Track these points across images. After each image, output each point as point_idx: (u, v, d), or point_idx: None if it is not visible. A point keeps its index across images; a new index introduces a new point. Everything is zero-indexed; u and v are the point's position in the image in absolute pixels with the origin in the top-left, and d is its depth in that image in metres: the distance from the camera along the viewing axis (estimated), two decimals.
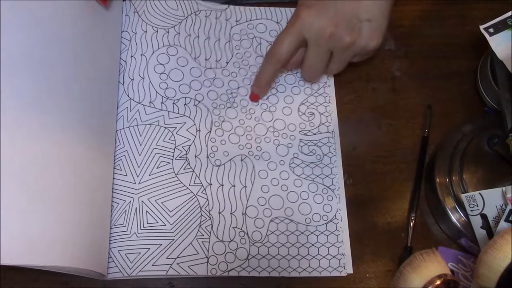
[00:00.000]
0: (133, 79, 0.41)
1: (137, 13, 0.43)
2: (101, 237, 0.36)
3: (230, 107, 0.42)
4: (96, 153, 0.36)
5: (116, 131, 0.39)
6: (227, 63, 0.43)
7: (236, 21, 0.45)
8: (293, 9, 0.46)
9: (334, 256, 0.38)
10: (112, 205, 0.37)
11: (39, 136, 0.32)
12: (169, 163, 0.39)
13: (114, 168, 0.38)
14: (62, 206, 0.32)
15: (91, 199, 0.35)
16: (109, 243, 0.36)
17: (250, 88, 0.43)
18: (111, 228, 0.37)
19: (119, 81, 0.41)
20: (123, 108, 0.40)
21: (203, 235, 0.37)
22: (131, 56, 0.42)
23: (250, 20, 0.45)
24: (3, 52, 0.30)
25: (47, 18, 0.34)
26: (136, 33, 0.42)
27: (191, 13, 0.44)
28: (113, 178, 0.38)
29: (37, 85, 0.32)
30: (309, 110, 0.43)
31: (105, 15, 0.41)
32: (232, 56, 0.44)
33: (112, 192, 0.38)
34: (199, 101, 0.41)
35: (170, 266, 0.36)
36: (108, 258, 0.36)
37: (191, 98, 0.41)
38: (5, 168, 0.29)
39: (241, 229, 0.38)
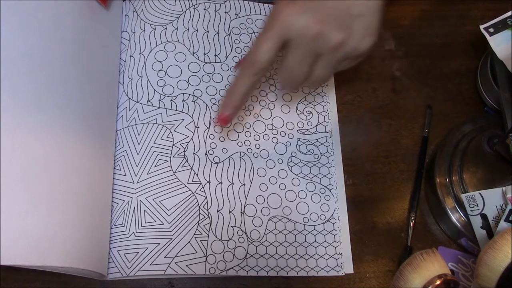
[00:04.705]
0: (132, 79, 0.41)
1: (136, 12, 0.43)
2: (102, 237, 0.35)
3: None
4: (97, 153, 0.36)
5: (116, 131, 0.40)
6: (226, 57, 0.43)
7: (236, 14, 0.45)
8: None
9: (331, 256, 0.38)
10: (112, 205, 0.37)
11: (39, 136, 0.32)
12: (167, 161, 0.39)
13: (114, 168, 0.38)
14: (62, 206, 0.32)
15: (91, 199, 0.35)
16: (109, 243, 0.36)
17: (219, 107, 0.36)
18: (111, 228, 0.37)
19: (119, 81, 0.41)
20: (122, 108, 0.40)
21: (202, 234, 0.37)
22: (130, 56, 0.42)
23: (249, 14, 0.45)
24: (3, 52, 0.30)
25: (47, 18, 0.34)
26: (134, 32, 0.42)
27: (190, 7, 0.44)
28: (113, 179, 0.38)
29: (37, 85, 0.32)
30: (307, 109, 0.43)
31: (105, 15, 0.41)
32: (232, 50, 0.43)
33: (112, 192, 0.38)
34: (198, 97, 0.41)
35: (168, 266, 0.36)
36: (108, 258, 0.36)
37: (189, 94, 0.41)
38: (5, 168, 0.29)
39: (239, 227, 0.38)
